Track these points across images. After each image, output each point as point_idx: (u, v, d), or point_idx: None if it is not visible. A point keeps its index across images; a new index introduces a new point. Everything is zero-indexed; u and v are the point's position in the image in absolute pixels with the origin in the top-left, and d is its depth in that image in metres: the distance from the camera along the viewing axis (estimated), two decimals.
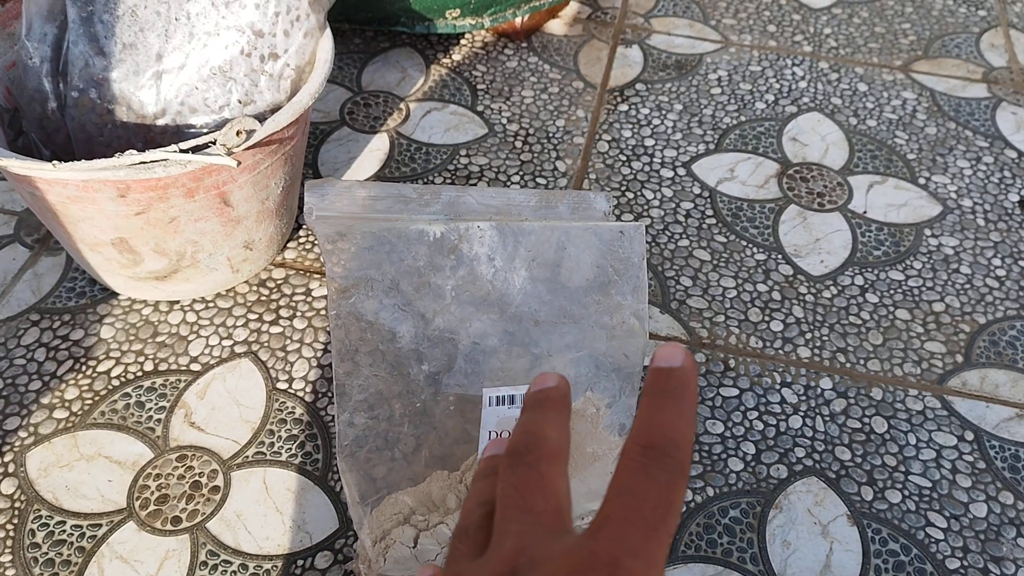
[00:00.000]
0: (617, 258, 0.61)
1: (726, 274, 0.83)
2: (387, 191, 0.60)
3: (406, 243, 0.57)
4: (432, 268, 0.57)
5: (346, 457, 0.58)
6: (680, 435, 0.30)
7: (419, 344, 0.57)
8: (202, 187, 0.68)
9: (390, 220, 0.58)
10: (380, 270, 0.56)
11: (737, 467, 0.69)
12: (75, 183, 0.65)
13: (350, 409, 0.57)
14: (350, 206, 0.58)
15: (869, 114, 1.00)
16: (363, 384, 0.57)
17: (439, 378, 0.58)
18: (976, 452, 0.70)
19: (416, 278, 0.57)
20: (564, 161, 0.93)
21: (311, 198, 0.57)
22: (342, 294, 0.55)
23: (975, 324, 0.79)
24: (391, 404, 0.58)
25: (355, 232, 0.56)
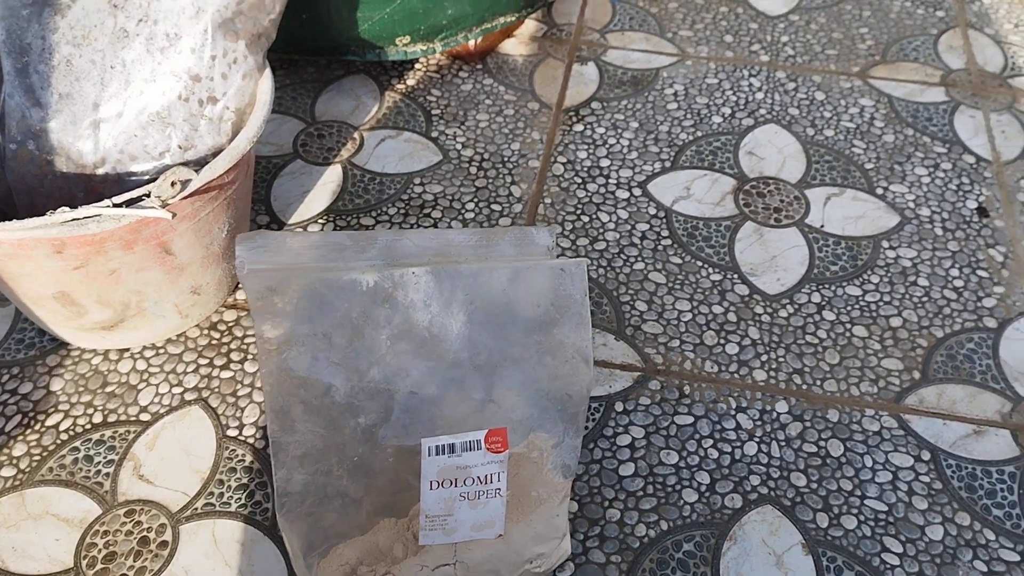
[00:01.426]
0: (559, 296, 0.60)
1: (681, 297, 0.82)
2: (322, 240, 0.59)
3: (338, 294, 0.56)
4: (366, 318, 0.56)
5: (286, 513, 0.57)
6: None
7: (354, 397, 0.56)
8: (141, 239, 0.67)
9: (324, 270, 0.57)
10: (312, 324, 0.55)
11: (691, 498, 0.69)
12: (10, 242, 0.64)
13: (287, 465, 0.57)
14: (284, 257, 0.57)
15: (827, 124, 0.99)
16: (299, 440, 0.56)
17: (375, 431, 0.57)
18: (933, 472, 0.70)
19: (349, 330, 0.56)
20: (519, 186, 0.93)
21: (242, 252, 0.56)
22: (273, 351, 0.54)
23: (932, 338, 0.79)
24: (329, 459, 0.57)
25: (286, 285, 0.55)
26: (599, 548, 0.66)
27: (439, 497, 0.58)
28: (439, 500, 0.58)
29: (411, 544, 0.60)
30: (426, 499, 0.58)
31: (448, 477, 0.58)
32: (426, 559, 0.60)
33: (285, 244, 0.58)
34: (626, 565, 0.65)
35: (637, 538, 0.66)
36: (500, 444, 0.58)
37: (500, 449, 0.58)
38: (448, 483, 0.58)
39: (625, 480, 0.70)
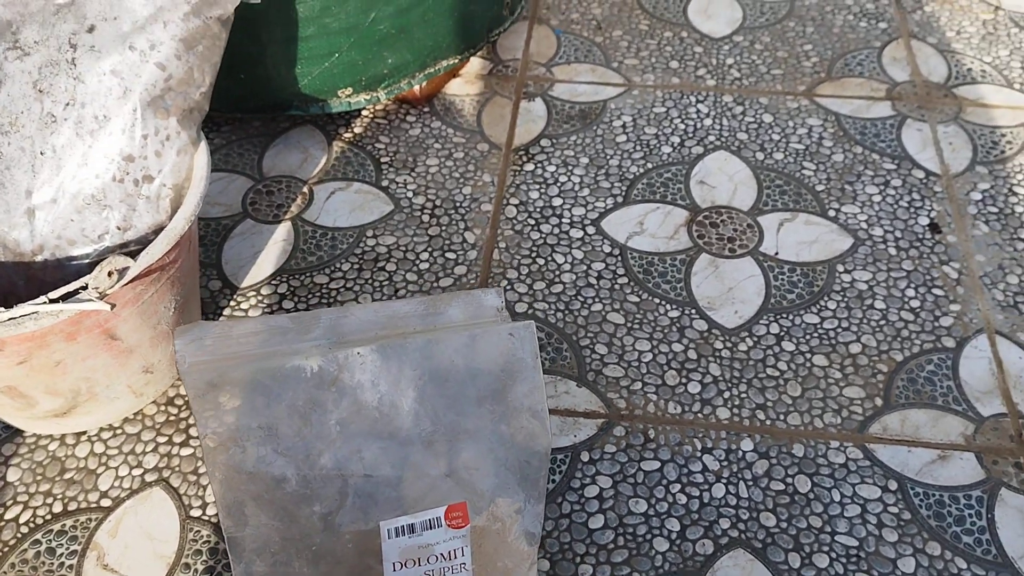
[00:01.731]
0: (509, 361, 0.60)
1: (641, 336, 0.82)
2: (263, 325, 0.58)
3: (282, 383, 0.55)
4: (312, 405, 0.55)
5: None
6: None
7: (306, 487, 0.55)
8: (83, 328, 0.66)
9: (266, 356, 0.56)
10: (256, 417, 0.54)
11: (663, 547, 0.68)
12: None
13: (245, 560, 0.56)
14: (225, 347, 0.56)
15: (776, 147, 0.99)
16: (254, 534, 0.55)
17: (332, 518, 0.56)
18: (901, 502, 0.70)
19: (297, 419, 0.55)
20: (473, 232, 0.92)
21: (181, 345, 0.55)
22: (218, 450, 0.53)
23: (892, 363, 0.79)
24: (287, 550, 0.56)
25: (228, 378, 0.54)
26: None
27: None
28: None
29: None
30: None
31: (411, 557, 0.57)
32: None
33: (226, 333, 0.57)
34: None
35: None
36: (461, 519, 0.58)
37: (461, 524, 0.57)
38: (412, 563, 0.57)
39: (595, 533, 0.69)
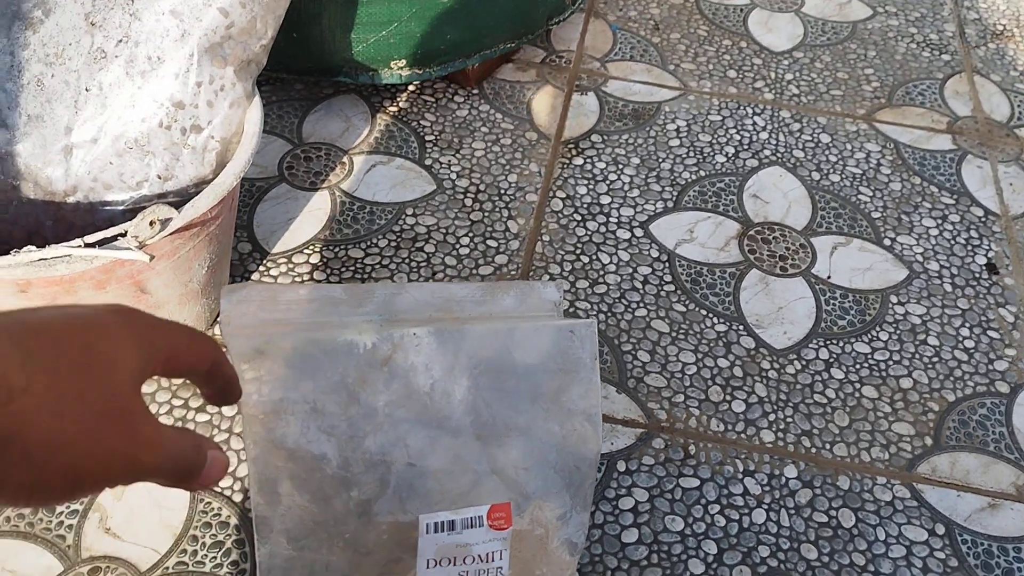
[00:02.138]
0: (567, 359, 0.56)
1: (686, 347, 0.79)
2: (315, 293, 0.54)
3: (332, 357, 0.51)
4: (362, 383, 0.52)
5: None
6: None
7: (347, 469, 0.51)
8: (114, 279, 0.62)
9: (317, 326, 0.53)
10: (303, 390, 0.50)
11: (698, 570, 0.65)
12: None
13: (271, 541, 0.52)
14: (272, 312, 0.52)
15: (832, 168, 0.96)
16: (284, 515, 0.51)
17: (371, 505, 0.52)
18: (948, 548, 0.67)
19: (344, 396, 0.51)
20: (516, 221, 0.89)
21: (228, 306, 0.51)
22: (259, 419, 0.50)
23: (944, 402, 0.76)
24: (316, 534, 0.52)
25: (276, 346, 0.51)
26: None
27: None
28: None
29: None
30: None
31: (447, 556, 0.54)
32: None
33: (274, 297, 0.53)
34: None
35: None
36: (504, 520, 0.54)
37: (504, 526, 0.54)
38: (447, 562, 0.54)
39: (628, 548, 0.66)
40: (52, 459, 0.30)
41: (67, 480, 0.30)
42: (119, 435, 0.31)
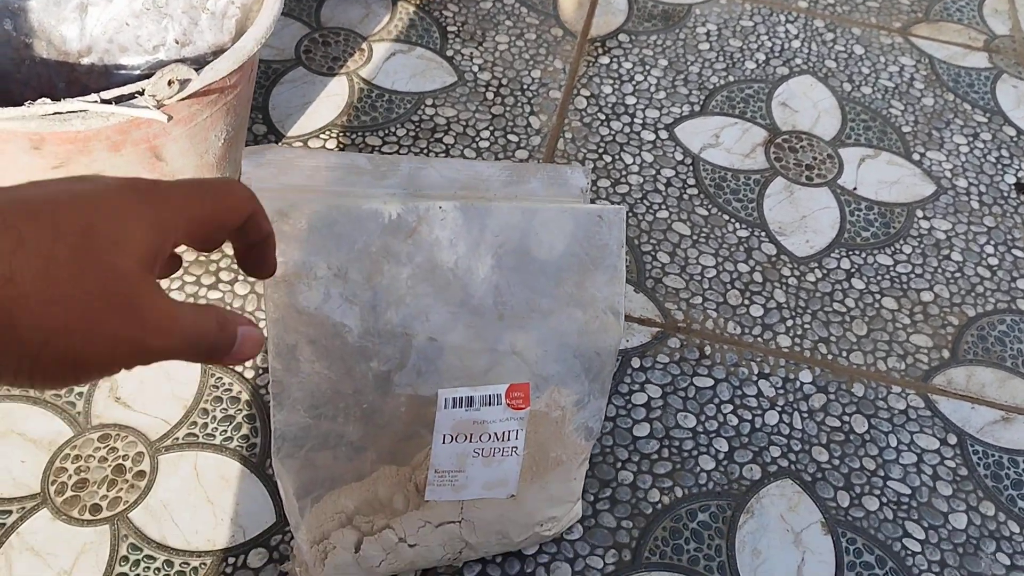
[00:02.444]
0: (594, 245, 0.55)
1: (706, 251, 0.78)
2: (339, 160, 0.52)
3: (357, 224, 0.50)
4: (386, 253, 0.50)
5: (281, 457, 0.52)
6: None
7: (368, 339, 0.51)
8: (129, 140, 0.60)
9: (340, 195, 0.51)
10: (326, 255, 0.49)
11: (708, 466, 0.65)
12: None
13: (288, 407, 0.51)
14: (295, 177, 0.51)
15: (864, 80, 0.93)
16: (303, 381, 0.51)
17: (390, 377, 0.52)
18: (959, 457, 0.67)
19: (368, 265, 0.50)
20: (538, 117, 0.86)
21: (250, 167, 0.49)
22: (280, 283, 0.48)
23: (964, 317, 0.75)
24: (334, 403, 0.52)
25: (299, 210, 0.49)
26: (610, 512, 0.62)
27: (451, 452, 0.53)
28: (451, 455, 0.53)
29: (413, 496, 0.56)
30: (437, 453, 0.53)
31: (463, 432, 0.53)
32: (429, 515, 0.55)
33: (297, 162, 0.51)
34: (638, 532, 0.61)
35: (650, 504, 0.63)
36: (522, 400, 0.54)
37: (521, 405, 0.54)
38: (462, 438, 0.53)
39: (639, 441, 0.66)
40: (47, 347, 0.28)
41: (67, 367, 0.29)
42: (123, 320, 0.30)
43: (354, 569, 0.55)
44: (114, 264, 0.30)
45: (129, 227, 0.30)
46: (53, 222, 0.29)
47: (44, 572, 0.57)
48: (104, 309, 0.30)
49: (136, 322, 0.30)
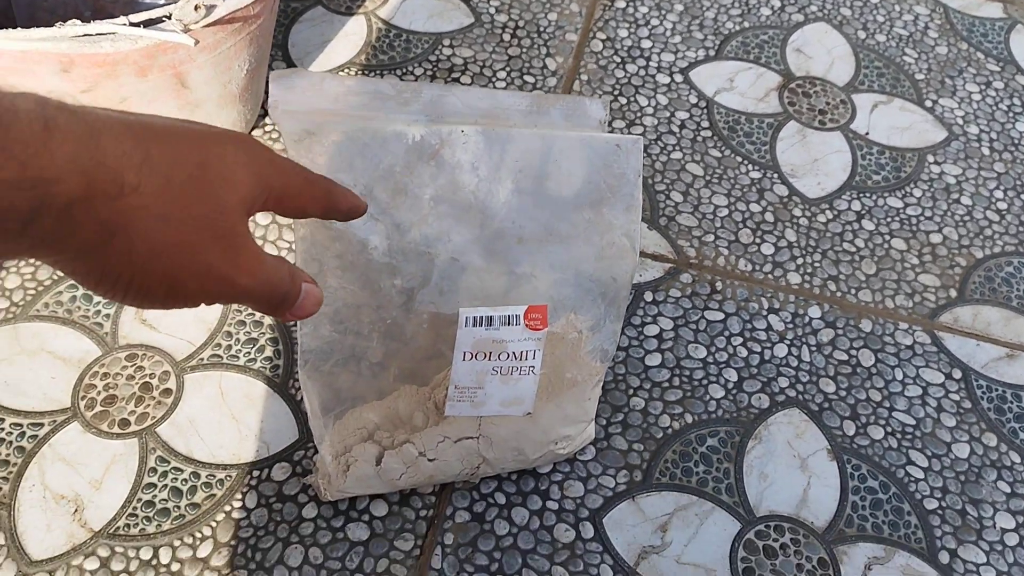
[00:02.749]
0: (611, 173, 0.56)
1: (719, 191, 0.79)
2: (362, 86, 0.53)
3: (382, 145, 0.51)
4: (410, 174, 0.52)
5: (307, 370, 0.54)
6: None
7: (393, 257, 0.52)
8: (156, 66, 0.62)
9: (365, 118, 0.52)
10: (352, 173, 0.51)
11: (718, 394, 0.67)
12: (12, 54, 0.58)
13: (314, 320, 0.53)
14: (320, 101, 0.52)
15: (879, 28, 0.94)
16: (330, 295, 0.52)
17: (413, 294, 0.53)
18: (963, 391, 0.69)
19: (392, 184, 0.52)
20: (555, 59, 0.87)
21: (277, 90, 0.51)
22: None
23: (972, 258, 0.76)
24: (359, 317, 0.54)
25: (326, 130, 0.51)
26: (622, 435, 0.64)
27: (471, 369, 0.55)
28: (470, 372, 0.55)
29: (432, 414, 0.58)
30: (457, 370, 0.55)
31: (482, 350, 0.55)
32: (448, 430, 0.57)
33: (322, 86, 0.52)
34: (648, 454, 0.63)
35: (661, 428, 0.65)
36: (540, 321, 0.55)
37: (539, 327, 0.55)
38: (482, 356, 0.55)
39: (651, 370, 0.68)
40: (152, 261, 0.30)
41: (164, 286, 0.31)
42: (220, 253, 0.32)
43: (375, 481, 0.58)
44: (221, 199, 0.32)
45: (238, 172, 0.33)
46: (175, 148, 0.30)
47: (75, 480, 0.59)
48: (207, 238, 0.31)
49: (231, 257, 0.32)
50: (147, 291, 0.31)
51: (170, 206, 0.30)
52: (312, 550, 0.58)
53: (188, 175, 0.31)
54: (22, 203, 0.26)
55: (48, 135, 0.26)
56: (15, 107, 0.26)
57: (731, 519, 0.61)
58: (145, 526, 0.58)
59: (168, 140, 0.31)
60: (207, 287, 0.32)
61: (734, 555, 0.60)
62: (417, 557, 0.58)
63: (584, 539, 0.60)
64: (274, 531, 0.58)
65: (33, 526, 0.57)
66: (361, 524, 0.59)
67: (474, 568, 0.58)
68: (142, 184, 0.29)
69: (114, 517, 0.58)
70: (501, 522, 0.60)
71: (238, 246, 0.33)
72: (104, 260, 0.29)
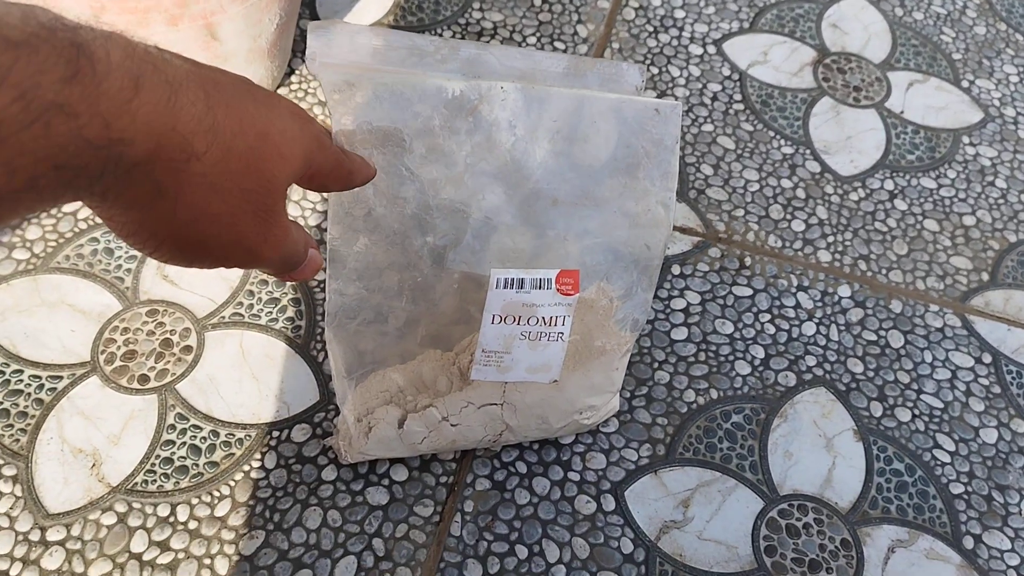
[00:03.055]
0: (649, 139, 0.55)
1: (750, 166, 0.77)
2: (400, 41, 0.52)
3: (421, 98, 0.50)
4: (447, 130, 0.51)
5: (334, 327, 0.53)
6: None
7: (425, 213, 0.51)
8: (187, 15, 0.60)
9: (401, 73, 0.51)
10: (391, 125, 0.49)
11: (744, 371, 0.66)
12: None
13: (343, 277, 0.52)
14: (357, 55, 0.51)
15: (917, 5, 0.92)
16: (360, 251, 0.51)
17: (444, 252, 0.52)
18: (992, 376, 0.67)
19: (429, 139, 0.50)
20: (586, 26, 0.85)
21: (315, 42, 0.49)
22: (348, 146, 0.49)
23: (1005, 242, 0.75)
24: (388, 275, 0.53)
25: (364, 82, 0.49)
26: (646, 408, 0.63)
27: (499, 333, 0.54)
28: (499, 336, 0.54)
29: (456, 379, 0.57)
30: (485, 333, 0.54)
31: (512, 313, 0.54)
32: (472, 396, 0.56)
33: (359, 40, 0.51)
34: (672, 428, 0.62)
35: (686, 403, 0.64)
36: (571, 287, 0.54)
37: (571, 292, 0.54)
38: (511, 320, 0.54)
39: (677, 344, 0.67)
40: (189, 226, 0.30)
41: (193, 250, 0.31)
42: (254, 226, 0.32)
43: (396, 444, 0.57)
44: (273, 175, 0.32)
45: (294, 148, 0.33)
46: (240, 113, 0.30)
47: (94, 435, 0.59)
48: (248, 211, 0.31)
49: (262, 231, 0.33)
50: (176, 252, 0.31)
51: (224, 177, 0.30)
52: (331, 512, 0.57)
53: (248, 146, 0.30)
54: (95, 163, 0.25)
55: (135, 93, 0.26)
56: (109, 57, 0.25)
57: (754, 496, 0.60)
58: (163, 483, 0.57)
59: (234, 103, 0.30)
60: (232, 255, 0.33)
61: (756, 533, 0.59)
62: (437, 523, 0.58)
63: (605, 511, 0.59)
64: (293, 492, 0.58)
65: (50, 479, 0.57)
66: (381, 488, 0.58)
67: (494, 536, 0.57)
68: (207, 152, 0.29)
69: (132, 473, 0.57)
70: (522, 491, 0.59)
71: (273, 222, 0.33)
72: (145, 217, 0.29)
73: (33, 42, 0.23)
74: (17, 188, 0.24)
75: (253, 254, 0.33)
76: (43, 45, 0.23)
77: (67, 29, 0.24)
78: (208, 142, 0.29)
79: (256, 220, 0.32)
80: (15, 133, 0.23)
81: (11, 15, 0.23)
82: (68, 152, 0.24)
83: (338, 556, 0.56)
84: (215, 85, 0.29)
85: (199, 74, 0.29)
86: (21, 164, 0.23)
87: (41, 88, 0.23)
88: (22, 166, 0.23)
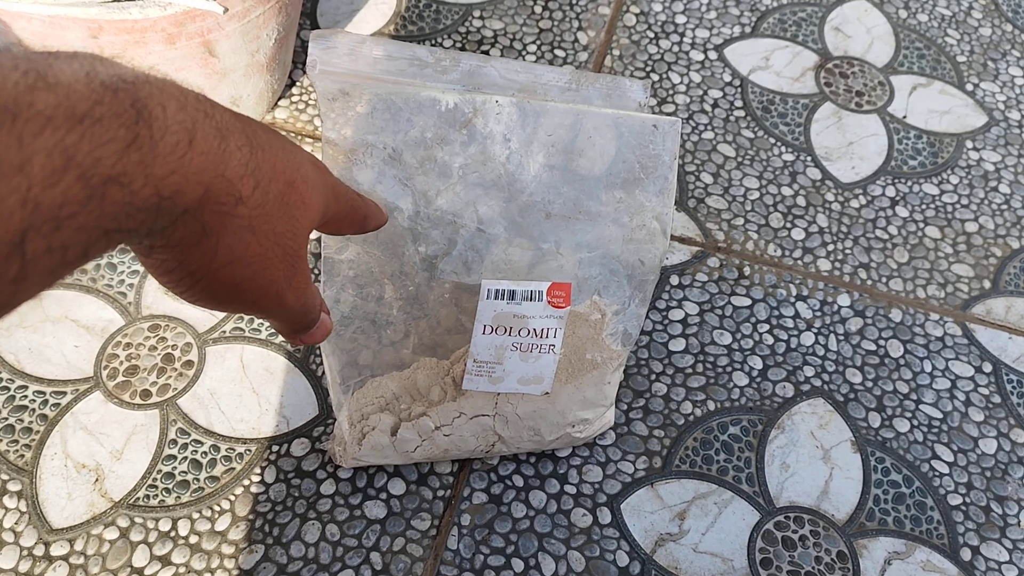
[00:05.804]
0: (646, 154, 0.55)
1: (750, 173, 0.77)
2: (401, 51, 0.52)
3: (415, 110, 0.50)
4: (440, 141, 0.51)
5: (330, 337, 0.54)
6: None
7: (418, 223, 0.51)
8: (184, 33, 0.61)
9: (400, 84, 0.52)
10: (382, 136, 0.50)
11: (742, 382, 0.66)
12: (41, 18, 0.58)
13: (337, 286, 0.53)
14: (358, 64, 0.51)
15: (921, 7, 0.91)
16: (353, 260, 0.52)
17: (436, 262, 0.53)
18: (993, 385, 0.67)
19: (422, 150, 0.51)
20: (586, 32, 0.85)
21: (316, 50, 0.50)
22: (339, 157, 0.49)
23: (1008, 248, 0.75)
24: (382, 284, 0.53)
25: (360, 92, 0.50)
26: (642, 420, 0.63)
27: (490, 344, 0.54)
28: (490, 347, 0.54)
29: (450, 388, 0.57)
30: (477, 343, 0.54)
31: (503, 324, 0.54)
32: (464, 406, 0.57)
33: (361, 50, 0.51)
34: (669, 440, 0.63)
35: (683, 415, 0.64)
36: (563, 299, 0.54)
37: (562, 304, 0.54)
38: (502, 330, 0.54)
39: (675, 355, 0.67)
40: (227, 267, 0.30)
41: (226, 293, 0.31)
42: (282, 271, 0.32)
43: (390, 452, 0.57)
44: (298, 219, 0.33)
45: (315, 196, 0.34)
46: (273, 160, 0.31)
47: (97, 450, 0.60)
48: (279, 255, 0.32)
49: (289, 276, 0.33)
50: (210, 293, 0.31)
51: (262, 220, 0.30)
52: (329, 527, 0.58)
53: (279, 192, 0.31)
54: (146, 222, 0.25)
55: (189, 148, 0.25)
56: (165, 113, 0.24)
57: (751, 509, 0.60)
58: (164, 497, 0.58)
59: (268, 149, 0.31)
60: (260, 301, 0.33)
61: (752, 545, 0.59)
62: (434, 537, 0.58)
63: (601, 524, 0.59)
64: (292, 506, 0.58)
65: (54, 494, 0.58)
66: (379, 502, 0.59)
67: (490, 550, 0.58)
68: (251, 196, 0.29)
69: (134, 488, 0.58)
70: (519, 504, 0.60)
71: (297, 267, 0.34)
72: (186, 256, 0.29)
73: (96, 112, 0.22)
74: (70, 262, 0.23)
75: (279, 299, 0.33)
76: (106, 114, 0.23)
77: (126, 86, 0.24)
78: (252, 186, 0.29)
79: (285, 264, 0.32)
80: (74, 215, 0.22)
81: (77, 79, 0.22)
82: (119, 219, 0.24)
83: (336, 570, 0.56)
84: (252, 130, 0.30)
85: (239, 119, 0.29)
86: (76, 240, 0.23)
87: (100, 164, 0.22)
88: (77, 242, 0.23)
